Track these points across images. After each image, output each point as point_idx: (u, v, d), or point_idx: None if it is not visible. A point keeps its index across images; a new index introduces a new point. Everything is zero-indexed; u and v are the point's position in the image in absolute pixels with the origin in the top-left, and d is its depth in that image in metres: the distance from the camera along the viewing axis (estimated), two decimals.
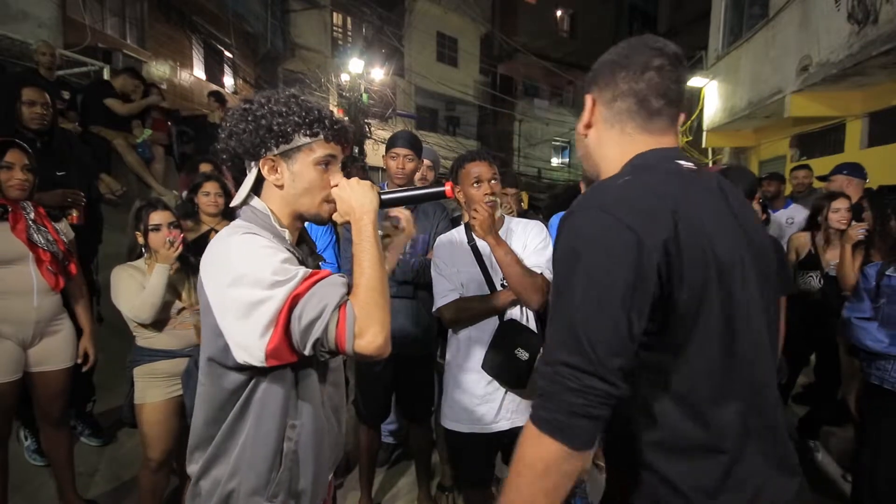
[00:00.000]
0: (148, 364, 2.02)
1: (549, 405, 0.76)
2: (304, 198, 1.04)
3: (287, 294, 0.88)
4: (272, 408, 0.99)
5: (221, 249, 0.96)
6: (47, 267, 2.06)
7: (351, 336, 0.89)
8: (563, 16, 19.18)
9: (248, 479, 0.99)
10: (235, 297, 0.90)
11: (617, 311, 0.74)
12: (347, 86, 13.68)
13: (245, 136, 1.01)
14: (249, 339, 0.89)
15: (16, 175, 2.00)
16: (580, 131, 0.98)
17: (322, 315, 0.88)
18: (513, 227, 1.89)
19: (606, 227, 0.76)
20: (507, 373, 1.73)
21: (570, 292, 0.76)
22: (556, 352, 0.77)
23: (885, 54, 4.71)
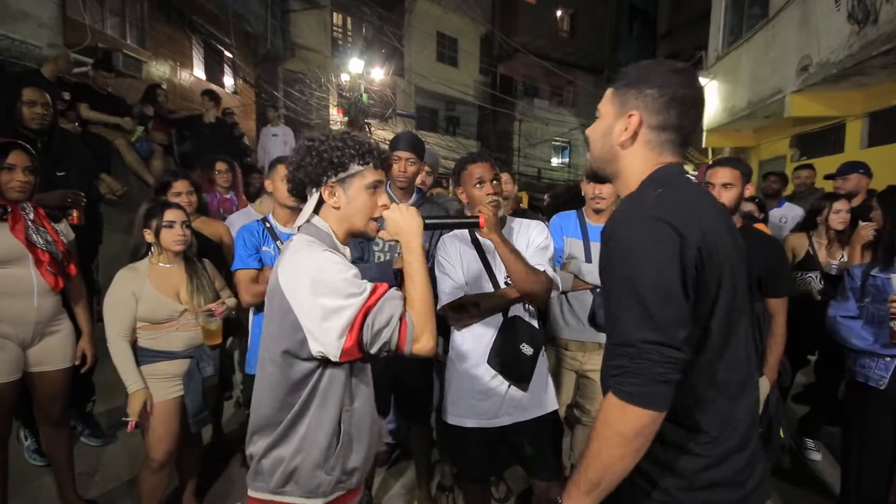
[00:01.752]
0: (149, 365, 2.02)
1: (635, 379, 0.88)
2: (356, 217, 1.24)
3: (361, 304, 1.10)
4: (334, 394, 1.19)
5: (300, 259, 1.15)
6: (46, 267, 2.06)
7: (410, 341, 1.13)
8: (563, 16, 19.17)
9: (311, 456, 1.18)
10: (317, 303, 1.10)
11: (678, 294, 0.89)
12: (347, 86, 13.68)
13: (311, 168, 1.20)
14: (328, 339, 1.10)
15: (17, 177, 1.99)
16: (616, 141, 1.05)
17: (390, 323, 1.11)
18: (515, 227, 1.92)
19: (658, 229, 0.91)
20: (512, 368, 1.76)
21: (635, 285, 0.90)
22: (635, 333, 0.89)
23: (885, 54, 4.71)
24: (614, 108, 1.06)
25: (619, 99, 1.05)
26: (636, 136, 1.02)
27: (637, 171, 1.05)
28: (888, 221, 2.23)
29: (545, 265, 1.79)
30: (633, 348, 0.89)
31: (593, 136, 1.11)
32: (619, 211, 1.02)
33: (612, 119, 1.06)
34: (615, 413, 0.91)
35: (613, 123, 1.05)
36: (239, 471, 2.73)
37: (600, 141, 1.09)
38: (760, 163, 8.54)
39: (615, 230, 0.97)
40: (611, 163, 1.08)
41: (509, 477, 2.72)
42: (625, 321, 0.91)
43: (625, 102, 1.03)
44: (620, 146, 1.05)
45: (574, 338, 2.34)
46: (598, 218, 2.38)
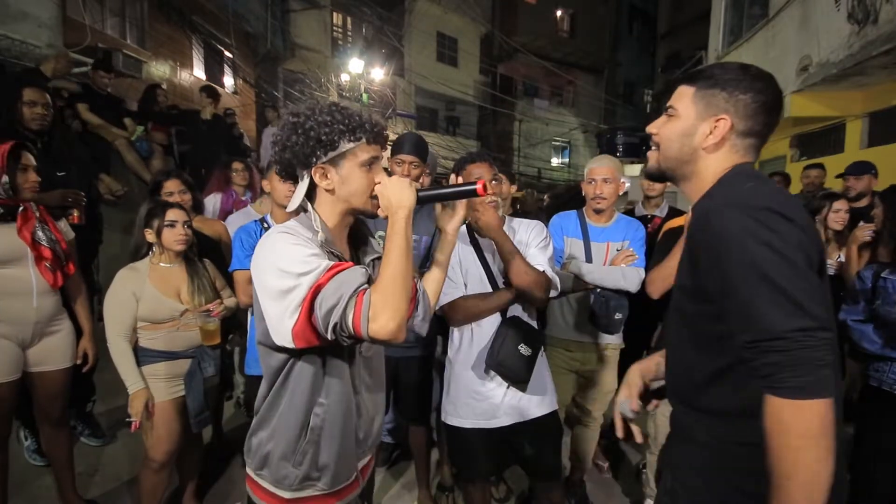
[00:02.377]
0: (150, 365, 2.02)
1: (797, 371, 0.82)
2: (353, 198, 1.15)
3: (311, 283, 1.00)
4: (303, 385, 1.14)
5: (263, 245, 1.10)
6: (46, 264, 2.07)
7: (365, 321, 0.98)
8: (563, 16, 19.16)
9: (280, 445, 1.15)
10: (270, 285, 1.04)
11: (814, 278, 0.86)
12: (347, 86, 13.69)
13: (297, 149, 1.11)
14: (279, 321, 1.03)
15: (31, 177, 2.03)
16: (698, 144, 1.03)
17: (339, 301, 0.99)
18: (514, 227, 1.91)
19: (768, 217, 0.87)
20: (511, 369, 1.75)
21: (766, 274, 0.84)
22: (783, 323, 0.83)
23: (885, 54, 4.71)
24: (697, 108, 1.03)
25: (704, 100, 1.02)
26: (723, 142, 1.01)
27: (714, 173, 1.03)
28: (890, 220, 2.22)
29: (544, 265, 1.79)
30: (784, 340, 0.82)
31: (669, 135, 1.06)
32: (712, 203, 0.96)
33: (694, 120, 1.03)
34: (790, 415, 0.82)
35: (696, 125, 1.02)
36: (239, 471, 2.73)
37: (678, 142, 1.05)
38: (761, 163, 8.54)
39: (715, 222, 0.91)
40: (687, 164, 1.05)
41: (509, 477, 2.72)
42: (765, 313, 0.84)
43: (711, 104, 1.01)
44: (704, 149, 1.02)
45: (574, 338, 2.34)
46: (599, 218, 2.38)
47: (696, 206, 1.02)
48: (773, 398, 0.84)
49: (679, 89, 1.06)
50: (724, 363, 0.98)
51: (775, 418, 0.84)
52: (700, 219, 0.96)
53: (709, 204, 0.96)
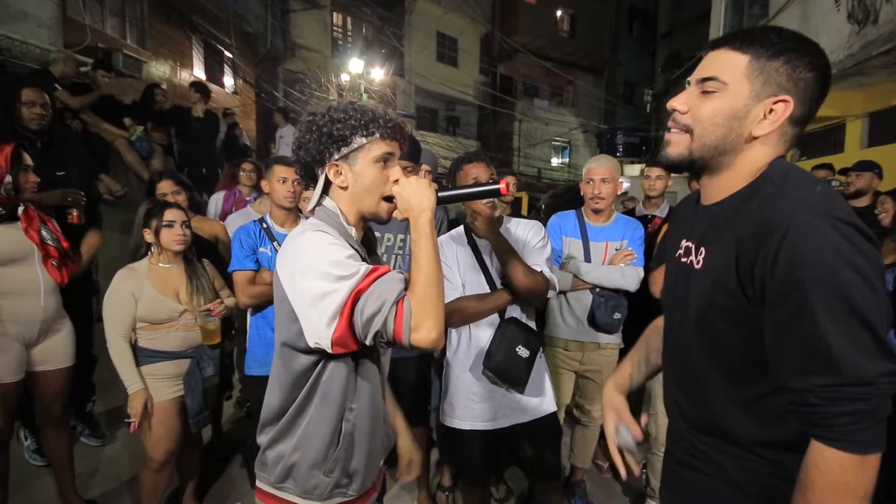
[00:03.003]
0: (150, 365, 2.02)
1: (867, 422, 0.72)
2: (366, 196, 1.12)
3: (351, 289, 0.97)
4: (335, 390, 1.09)
5: (295, 244, 1.05)
6: (53, 262, 2.09)
7: (408, 329, 0.97)
8: (563, 16, 19.16)
9: (309, 454, 1.10)
10: (306, 287, 1.00)
11: (891, 308, 0.75)
12: (347, 86, 13.68)
13: (311, 146, 1.10)
14: (318, 326, 0.99)
15: (31, 177, 2.05)
16: (748, 128, 0.83)
17: (381, 309, 0.96)
18: (511, 227, 1.91)
19: (852, 234, 0.74)
20: (508, 371, 1.75)
21: (854, 305, 0.71)
22: (869, 366, 0.71)
23: (885, 54, 4.71)
24: (753, 85, 0.81)
25: (763, 74, 0.81)
26: (780, 128, 0.83)
27: (753, 168, 0.86)
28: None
29: (542, 265, 1.78)
30: (870, 387, 0.71)
31: (711, 116, 0.84)
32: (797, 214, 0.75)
33: (747, 99, 0.82)
34: (853, 472, 0.72)
35: (750, 106, 0.82)
36: (239, 471, 2.73)
37: (724, 126, 0.84)
38: None
39: (808, 240, 0.73)
40: (728, 154, 0.86)
41: (509, 477, 2.72)
42: (849, 354, 0.71)
43: (773, 81, 0.81)
44: (755, 138, 0.83)
45: (573, 338, 2.34)
46: (597, 218, 2.38)
47: (763, 207, 0.80)
48: (831, 451, 0.73)
49: (721, 56, 0.84)
50: (766, 389, 0.86)
51: (832, 475, 0.73)
52: (771, 222, 0.77)
53: (785, 206, 0.77)
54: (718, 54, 0.85)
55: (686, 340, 0.97)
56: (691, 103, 0.88)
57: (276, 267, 1.09)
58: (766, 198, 0.81)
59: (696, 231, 0.96)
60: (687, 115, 0.88)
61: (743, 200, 0.86)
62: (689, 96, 0.88)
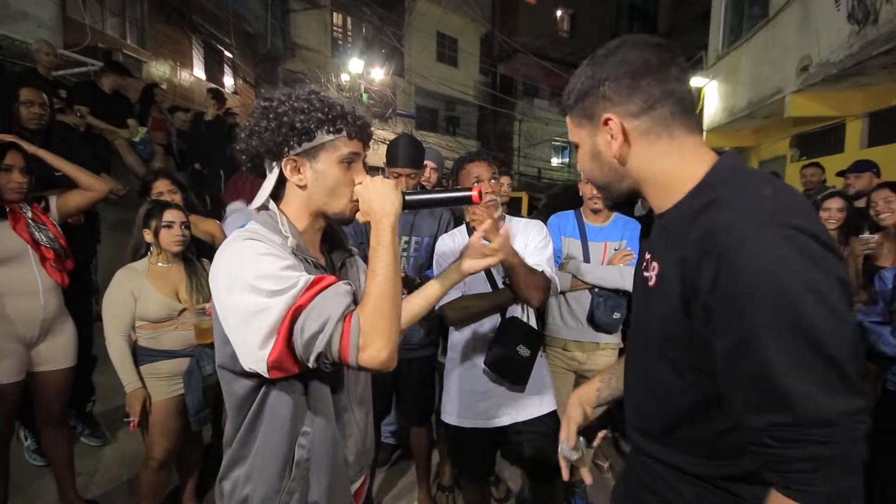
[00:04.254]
0: (150, 364, 2.02)
1: (829, 470, 0.62)
2: (329, 197, 1.00)
3: (288, 305, 0.85)
4: (282, 414, 0.97)
5: (224, 255, 0.93)
6: (51, 263, 2.08)
7: (355, 349, 0.85)
8: (563, 16, 19.17)
9: (260, 487, 0.98)
10: (235, 304, 0.88)
11: (856, 330, 0.66)
12: (347, 86, 13.69)
13: (267, 135, 0.97)
14: (250, 349, 0.87)
15: (14, 178, 2.02)
16: (610, 156, 0.86)
17: (325, 328, 0.85)
18: (513, 227, 1.91)
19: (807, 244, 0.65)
20: (509, 370, 1.75)
21: (821, 338, 0.62)
22: (830, 403, 0.62)
23: (885, 54, 4.71)
24: (584, 128, 0.89)
25: (582, 119, 0.89)
26: (626, 136, 0.83)
27: (671, 172, 0.82)
28: None
29: (544, 265, 1.78)
30: (831, 428, 0.62)
31: (585, 166, 0.93)
32: (735, 223, 0.68)
33: (589, 140, 0.89)
34: None
35: (595, 142, 0.88)
36: None
37: (595, 167, 0.90)
38: (761, 163, 8.54)
39: (750, 255, 0.65)
40: (622, 179, 0.88)
41: (509, 477, 2.72)
42: (806, 392, 0.62)
43: (591, 116, 0.86)
44: (618, 157, 0.85)
45: (573, 338, 2.34)
46: (597, 218, 2.38)
47: (701, 219, 0.74)
48: (787, 501, 0.65)
49: (568, 126, 0.95)
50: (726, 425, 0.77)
51: None
52: (710, 238, 0.69)
53: (725, 217, 0.70)
54: (567, 121, 0.95)
55: (647, 365, 0.90)
56: (578, 164, 0.97)
57: (210, 280, 0.96)
58: (707, 207, 0.74)
59: (652, 243, 0.91)
60: (583, 172, 0.97)
61: (686, 210, 0.79)
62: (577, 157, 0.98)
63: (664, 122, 0.81)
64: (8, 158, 2.01)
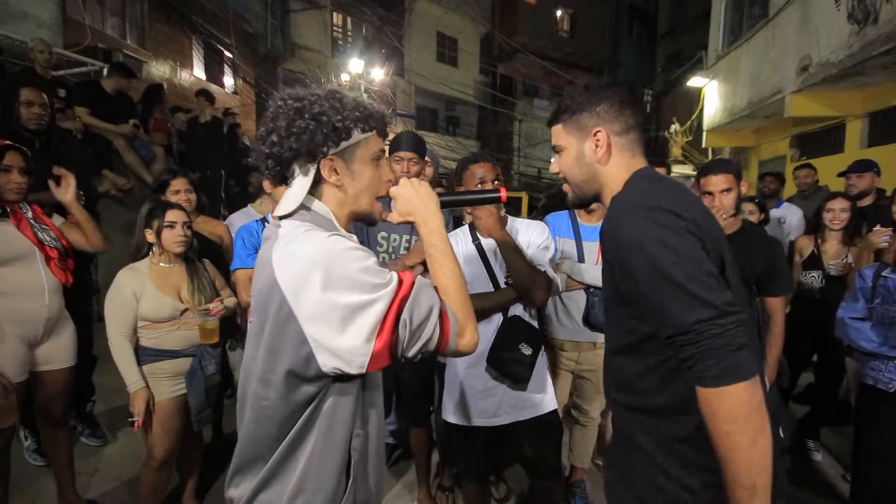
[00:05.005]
0: (152, 364, 2.02)
1: (709, 360, 0.86)
2: (362, 197, 1.01)
3: (391, 297, 0.86)
4: (342, 418, 0.94)
5: (306, 252, 0.88)
6: (56, 263, 2.08)
7: (455, 336, 0.91)
8: (563, 16, 19.16)
9: (316, 498, 0.93)
10: (333, 301, 0.85)
11: (708, 266, 0.91)
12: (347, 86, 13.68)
13: (306, 136, 0.93)
14: (352, 344, 0.85)
15: (13, 178, 2.01)
16: (593, 161, 1.11)
17: (430, 317, 0.89)
18: (516, 227, 1.92)
19: (659, 216, 0.94)
20: (511, 369, 1.76)
21: (662, 272, 0.90)
22: (685, 318, 0.87)
23: (885, 54, 4.71)
24: (573, 136, 1.12)
25: (573, 127, 1.12)
26: (609, 148, 1.09)
27: (618, 177, 1.11)
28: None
29: (546, 265, 1.80)
30: (690, 334, 0.87)
31: (567, 166, 1.15)
32: (614, 210, 1.05)
33: (576, 145, 1.13)
34: (715, 403, 0.86)
35: (581, 147, 1.12)
36: None
37: (576, 167, 1.14)
38: (760, 163, 8.54)
39: (618, 228, 0.98)
40: (593, 181, 1.14)
41: (509, 477, 2.72)
42: (670, 311, 0.89)
43: (582, 127, 1.11)
44: (598, 162, 1.11)
45: (569, 338, 2.34)
46: (591, 218, 2.38)
47: (606, 215, 1.09)
48: (699, 389, 0.88)
49: (553, 131, 1.17)
50: (652, 362, 1.03)
51: (704, 408, 0.88)
52: (605, 225, 1.05)
53: (610, 211, 1.05)
54: (553, 131, 1.18)
55: (606, 326, 1.21)
56: (557, 164, 1.19)
57: (275, 278, 0.89)
58: (609, 207, 1.09)
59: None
60: (561, 172, 1.19)
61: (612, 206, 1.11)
62: (555, 161, 1.21)
63: (631, 145, 1.11)
64: (6, 159, 2.00)
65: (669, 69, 14.80)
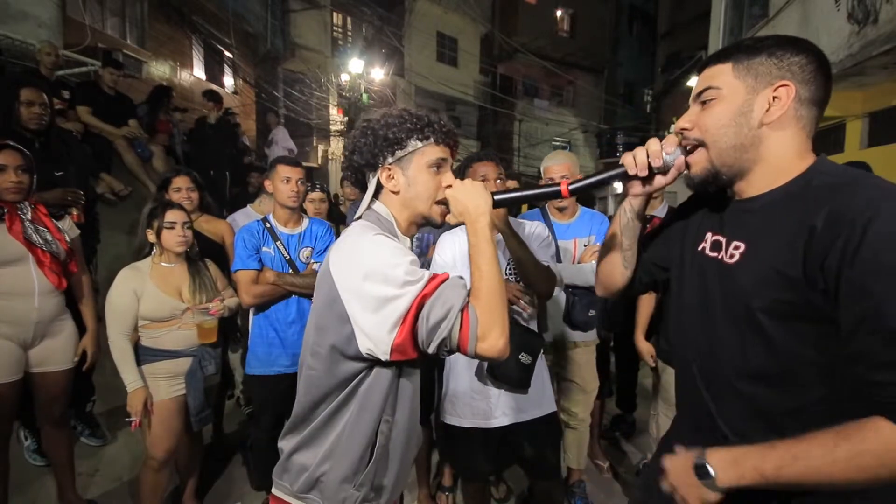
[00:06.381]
0: (151, 363, 2.02)
1: None
2: (419, 201, 1.10)
3: (416, 293, 0.94)
4: (374, 401, 1.05)
5: (356, 245, 1.01)
6: (49, 267, 2.07)
7: (474, 338, 0.94)
8: (563, 16, 19.16)
9: (340, 466, 1.04)
10: (368, 290, 0.96)
11: None
12: (347, 86, 13.69)
13: (365, 150, 1.08)
14: (379, 332, 0.95)
15: (9, 177, 1.99)
16: (758, 121, 0.86)
17: (448, 316, 0.93)
18: (518, 224, 1.94)
19: None
20: (511, 378, 1.76)
21: None
22: None
23: (885, 54, 4.71)
24: (746, 82, 0.86)
25: (751, 72, 0.86)
26: (789, 113, 0.86)
27: (787, 157, 0.87)
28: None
29: (549, 261, 1.83)
30: None
31: (718, 121, 0.88)
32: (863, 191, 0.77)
33: (745, 95, 0.86)
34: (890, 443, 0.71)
35: (751, 100, 0.86)
36: (239, 470, 2.73)
37: (733, 125, 0.87)
38: None
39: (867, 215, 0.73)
40: (749, 150, 0.88)
41: (509, 477, 2.72)
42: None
43: (764, 73, 0.85)
44: (768, 126, 0.86)
45: (550, 339, 2.33)
46: (562, 216, 2.37)
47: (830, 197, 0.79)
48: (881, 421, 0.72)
49: (709, 72, 0.90)
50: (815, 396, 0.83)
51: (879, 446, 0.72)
52: (850, 213, 0.75)
53: (868, 194, 0.77)
54: (707, 72, 0.91)
55: (720, 334, 0.92)
56: (695, 119, 0.92)
57: (329, 265, 1.04)
58: (834, 187, 0.80)
59: (728, 225, 0.95)
60: (694, 130, 0.91)
61: (794, 192, 0.85)
62: (692, 114, 0.93)
63: (812, 121, 0.88)
64: (1, 158, 1.98)
65: (669, 69, 14.78)
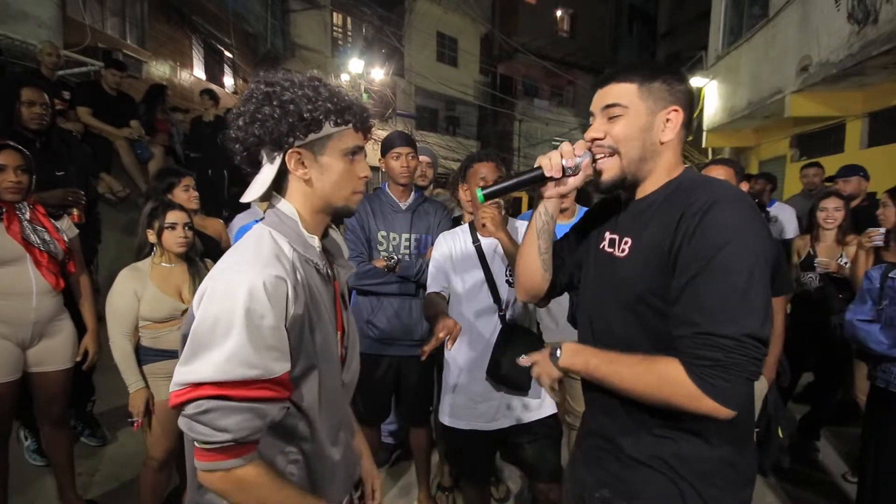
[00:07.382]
0: (152, 364, 2.02)
1: (726, 374, 0.81)
2: (334, 192, 0.95)
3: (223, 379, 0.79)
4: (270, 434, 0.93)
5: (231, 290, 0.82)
6: (46, 267, 2.06)
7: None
8: (563, 16, 19.16)
9: None
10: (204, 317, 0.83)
11: (769, 284, 0.86)
12: (347, 86, 13.68)
13: (270, 123, 0.88)
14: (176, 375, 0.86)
15: (8, 177, 1.99)
16: (657, 138, 0.98)
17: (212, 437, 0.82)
18: (516, 227, 1.93)
19: (755, 214, 0.88)
20: (511, 382, 1.76)
21: (740, 271, 0.83)
22: (735, 325, 0.81)
23: (885, 54, 4.71)
24: (646, 103, 0.97)
25: (650, 94, 0.97)
26: (677, 134, 0.98)
27: (667, 169, 1.01)
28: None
29: None
30: (732, 341, 0.81)
31: (626, 134, 0.98)
32: (721, 199, 0.89)
33: (647, 115, 0.97)
34: (682, 390, 0.83)
35: (651, 120, 0.97)
36: None
37: (639, 139, 0.98)
38: (760, 163, 8.54)
39: (716, 208, 0.87)
40: (649, 161, 0.99)
41: (509, 477, 2.72)
42: (725, 310, 0.82)
43: (660, 97, 0.97)
44: (662, 144, 0.98)
45: (551, 340, 2.33)
46: (563, 216, 2.37)
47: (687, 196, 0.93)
48: (680, 367, 0.84)
49: (613, 89, 0.99)
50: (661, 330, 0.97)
51: (666, 376, 0.86)
52: (697, 205, 0.89)
53: (713, 192, 0.91)
54: (610, 88, 1.00)
55: (610, 320, 1.05)
56: (606, 130, 1.00)
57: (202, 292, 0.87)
58: (693, 189, 0.94)
59: (621, 224, 1.08)
60: (607, 139, 1.00)
61: (669, 193, 0.99)
62: (600, 125, 1.01)
63: (684, 137, 1.01)
64: (1, 158, 1.98)
65: None
